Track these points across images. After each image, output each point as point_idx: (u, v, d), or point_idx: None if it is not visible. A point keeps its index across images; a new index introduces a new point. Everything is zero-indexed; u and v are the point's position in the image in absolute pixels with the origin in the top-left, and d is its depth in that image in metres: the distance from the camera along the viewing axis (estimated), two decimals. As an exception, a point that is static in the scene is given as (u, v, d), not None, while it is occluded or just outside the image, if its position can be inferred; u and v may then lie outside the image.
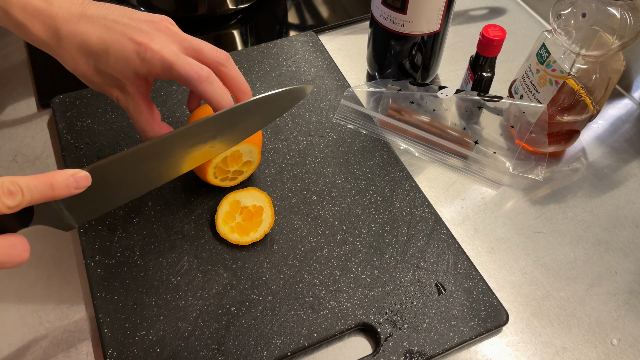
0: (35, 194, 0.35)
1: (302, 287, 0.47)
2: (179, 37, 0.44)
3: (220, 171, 0.50)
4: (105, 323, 0.44)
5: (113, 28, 0.42)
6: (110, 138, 0.57)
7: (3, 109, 0.62)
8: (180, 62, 0.42)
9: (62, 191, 0.37)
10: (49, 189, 0.36)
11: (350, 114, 0.60)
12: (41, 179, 0.36)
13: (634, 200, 0.56)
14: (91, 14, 0.43)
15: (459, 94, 0.57)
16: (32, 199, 0.35)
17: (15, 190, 0.34)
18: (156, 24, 0.44)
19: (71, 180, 0.37)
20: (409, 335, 0.44)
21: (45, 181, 0.36)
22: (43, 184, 0.36)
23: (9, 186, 0.34)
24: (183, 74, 0.42)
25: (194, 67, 0.42)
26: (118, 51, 0.42)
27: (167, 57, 0.42)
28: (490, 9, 0.77)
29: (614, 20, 0.47)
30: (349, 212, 0.52)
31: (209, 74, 0.43)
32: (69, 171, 0.37)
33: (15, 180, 0.34)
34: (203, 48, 0.45)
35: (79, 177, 0.38)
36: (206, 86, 0.43)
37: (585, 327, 0.47)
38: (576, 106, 0.53)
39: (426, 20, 0.56)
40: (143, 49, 0.42)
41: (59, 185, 0.36)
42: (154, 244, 0.49)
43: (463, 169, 0.57)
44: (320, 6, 0.77)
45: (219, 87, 0.43)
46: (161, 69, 0.42)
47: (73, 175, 0.37)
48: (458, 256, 0.49)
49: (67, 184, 0.37)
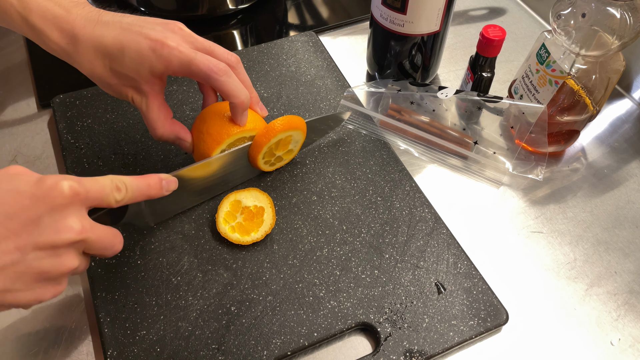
0: (135, 192, 0.40)
1: (302, 286, 0.47)
2: (192, 37, 0.46)
3: (269, 154, 0.51)
4: (106, 323, 0.44)
5: (128, 29, 0.44)
6: (110, 138, 0.57)
7: (3, 109, 0.62)
8: (199, 57, 0.44)
9: (157, 191, 0.42)
10: (147, 188, 0.41)
11: (350, 114, 0.60)
12: (140, 179, 0.41)
13: (634, 200, 0.56)
14: (107, 20, 0.44)
15: (458, 94, 0.57)
16: (133, 196, 0.40)
17: (121, 187, 0.39)
18: (169, 25, 0.45)
19: (164, 183, 0.43)
20: (408, 334, 0.44)
21: (144, 181, 0.41)
22: (142, 183, 0.41)
23: (117, 183, 0.38)
24: (203, 68, 0.44)
25: (212, 62, 0.44)
26: (133, 50, 0.43)
27: (185, 53, 0.44)
28: (490, 9, 0.77)
29: (614, 20, 0.47)
30: (349, 212, 0.52)
31: (227, 68, 0.45)
32: (162, 175, 0.43)
33: (121, 179, 0.39)
34: (215, 50, 0.47)
35: (170, 180, 0.43)
36: (225, 79, 0.44)
37: (585, 327, 0.47)
38: (576, 106, 0.53)
39: (426, 21, 0.56)
40: (159, 46, 0.43)
41: (155, 185, 0.42)
42: (154, 244, 0.49)
43: (463, 169, 0.58)
44: (320, 6, 0.77)
45: (237, 81, 0.45)
46: (179, 65, 0.44)
47: (166, 179, 0.43)
48: (458, 256, 0.49)
49: (161, 185, 0.42)
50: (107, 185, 0.38)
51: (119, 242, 0.39)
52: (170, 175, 0.44)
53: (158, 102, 0.46)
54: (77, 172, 0.54)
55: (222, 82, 0.44)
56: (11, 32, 0.71)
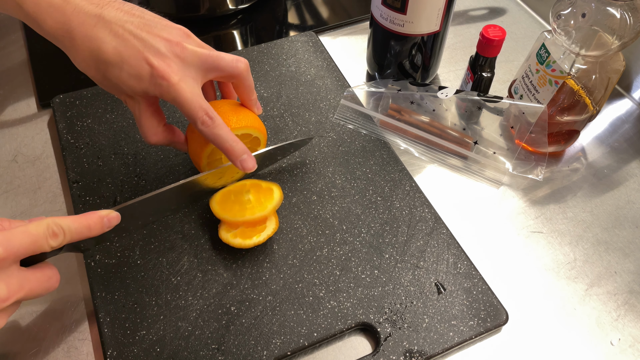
0: (74, 235, 0.39)
1: (302, 286, 0.47)
2: (196, 57, 0.43)
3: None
4: (106, 323, 0.44)
5: (130, 42, 0.41)
6: (110, 138, 0.57)
7: (3, 109, 0.62)
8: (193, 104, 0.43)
9: (97, 231, 0.41)
10: (87, 230, 0.40)
11: (350, 114, 0.60)
12: (80, 220, 0.39)
13: (634, 200, 0.56)
14: (109, 19, 0.42)
15: (458, 94, 0.57)
16: (71, 239, 0.39)
17: (58, 232, 0.37)
18: (172, 45, 0.42)
19: (105, 221, 0.41)
20: (408, 334, 0.44)
21: (84, 223, 0.40)
22: (82, 225, 0.39)
23: (53, 228, 0.37)
24: (189, 114, 0.43)
25: (200, 113, 0.43)
26: (132, 68, 0.41)
27: (183, 95, 0.42)
28: (490, 9, 0.77)
29: (614, 20, 0.47)
30: (348, 212, 0.52)
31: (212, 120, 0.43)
32: (102, 212, 0.41)
33: (58, 222, 0.38)
34: (220, 63, 0.44)
35: (112, 217, 0.42)
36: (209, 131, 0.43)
37: (585, 327, 0.47)
38: (576, 106, 0.53)
39: (426, 21, 0.56)
40: (160, 76, 0.41)
41: (95, 226, 0.40)
42: (154, 243, 0.49)
43: (463, 169, 0.58)
44: (320, 6, 0.77)
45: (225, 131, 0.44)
46: (172, 100, 0.43)
47: (107, 216, 0.41)
48: (458, 256, 0.49)
49: (102, 224, 0.41)
50: (41, 235, 0.36)
51: (54, 283, 0.39)
52: (112, 210, 0.42)
53: (152, 109, 0.45)
54: (77, 172, 0.54)
55: (205, 133, 0.43)
56: (11, 32, 0.71)
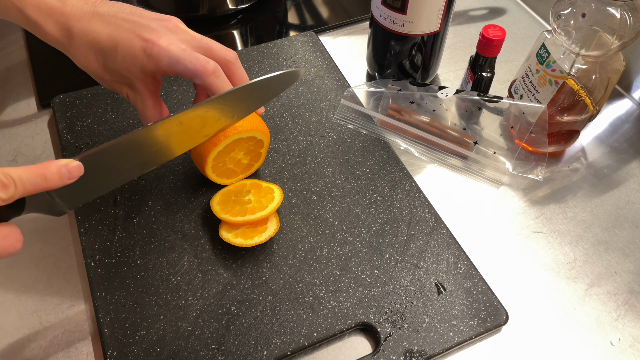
0: (28, 186, 0.35)
1: (302, 286, 0.47)
2: (188, 35, 0.45)
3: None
4: (106, 322, 0.44)
5: (122, 26, 0.43)
6: (110, 138, 0.57)
7: (3, 109, 0.62)
8: (187, 56, 0.43)
9: (55, 182, 0.36)
10: (42, 181, 0.35)
11: (350, 114, 0.60)
12: (34, 170, 0.35)
13: (634, 200, 0.56)
14: (103, 12, 0.44)
15: (458, 94, 0.57)
16: (25, 191, 0.35)
17: (8, 183, 0.33)
18: (165, 22, 0.45)
19: (64, 170, 0.37)
20: (408, 334, 0.44)
21: (38, 172, 0.35)
22: (36, 175, 0.35)
23: (1, 178, 0.33)
24: (190, 67, 0.43)
25: (200, 61, 0.43)
26: (126, 48, 0.43)
27: (174, 52, 0.43)
28: (490, 9, 0.77)
29: (614, 20, 0.47)
30: (348, 211, 0.52)
31: (216, 67, 0.44)
32: (61, 161, 0.37)
33: (7, 172, 0.33)
34: (212, 46, 0.45)
35: (72, 167, 0.37)
36: (213, 79, 0.43)
37: (585, 327, 0.47)
38: (576, 106, 0.53)
39: (426, 21, 0.56)
40: (150, 45, 0.43)
41: (52, 176, 0.36)
42: (154, 243, 0.49)
43: (463, 169, 0.58)
44: (320, 6, 0.77)
45: (226, 81, 0.44)
46: (168, 64, 0.43)
47: (66, 166, 0.37)
48: (458, 256, 0.49)
49: (60, 174, 0.36)
50: None
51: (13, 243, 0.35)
52: (72, 160, 0.38)
53: (153, 100, 0.46)
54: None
55: (208, 81, 0.43)
56: (11, 32, 0.71)
